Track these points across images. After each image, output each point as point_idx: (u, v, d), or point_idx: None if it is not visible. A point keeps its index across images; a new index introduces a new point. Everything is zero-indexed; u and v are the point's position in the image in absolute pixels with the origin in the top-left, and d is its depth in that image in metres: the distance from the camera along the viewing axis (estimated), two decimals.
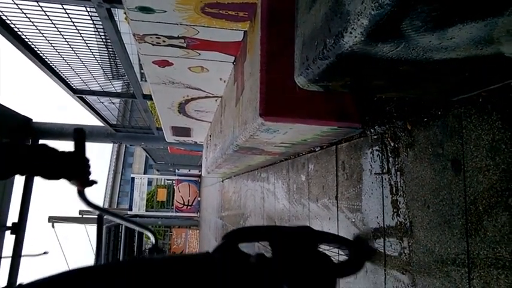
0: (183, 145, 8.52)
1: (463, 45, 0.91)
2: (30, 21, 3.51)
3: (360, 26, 0.87)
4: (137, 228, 1.84)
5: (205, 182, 10.40)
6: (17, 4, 3.21)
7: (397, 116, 1.76)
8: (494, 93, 1.24)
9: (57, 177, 1.26)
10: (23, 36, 3.94)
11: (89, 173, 1.36)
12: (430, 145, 1.53)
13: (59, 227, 12.64)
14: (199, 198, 16.15)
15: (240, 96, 2.76)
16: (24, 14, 3.37)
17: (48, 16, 3.38)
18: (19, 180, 7.05)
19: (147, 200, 16.81)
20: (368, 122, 2.03)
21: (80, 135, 1.35)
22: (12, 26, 3.69)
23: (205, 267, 1.13)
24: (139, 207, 15.99)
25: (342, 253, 1.89)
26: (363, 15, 0.84)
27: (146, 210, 16.54)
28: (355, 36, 0.90)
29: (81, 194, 1.46)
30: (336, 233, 2.32)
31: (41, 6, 3.22)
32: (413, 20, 0.80)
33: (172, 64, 3.36)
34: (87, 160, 1.33)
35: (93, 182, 1.39)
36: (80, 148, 1.31)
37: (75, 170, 1.29)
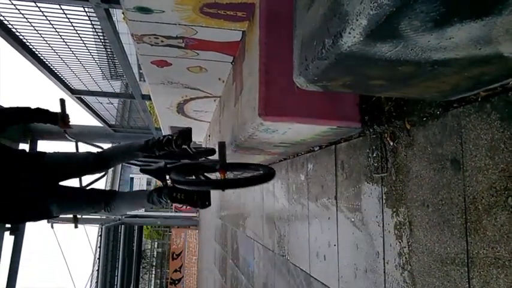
0: None
1: (462, 45, 0.91)
2: (28, 21, 3.50)
3: (358, 26, 0.87)
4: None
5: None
6: (14, 5, 3.20)
7: (396, 115, 1.76)
8: (493, 93, 1.24)
9: (48, 122, 2.61)
10: (21, 37, 3.93)
11: (69, 121, 2.65)
12: (429, 145, 1.53)
13: (58, 227, 12.61)
14: None
15: (239, 96, 2.76)
16: (22, 14, 3.36)
17: (46, 16, 3.37)
18: None
19: None
20: (367, 122, 2.03)
21: (62, 102, 2.64)
22: (9, 26, 3.68)
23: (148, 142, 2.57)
24: None
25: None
26: (362, 15, 0.84)
27: (145, 210, 16.52)
28: (354, 37, 0.90)
29: (65, 132, 2.74)
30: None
31: (38, 7, 3.21)
32: (412, 20, 0.80)
33: (171, 64, 3.36)
34: (67, 115, 2.63)
35: (71, 127, 2.69)
36: (63, 109, 2.61)
37: (63, 117, 2.61)
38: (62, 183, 2.52)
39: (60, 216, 2.68)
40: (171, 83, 3.91)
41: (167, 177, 2.61)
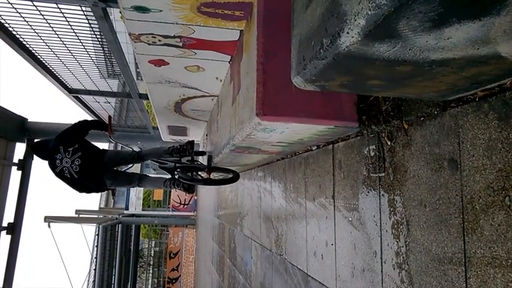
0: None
1: (460, 45, 0.91)
2: (25, 20, 3.49)
3: (356, 26, 0.87)
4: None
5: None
6: (11, 4, 3.19)
7: (394, 115, 1.76)
8: (491, 93, 1.24)
9: (103, 130, 4.07)
10: (18, 36, 3.92)
11: (113, 130, 4.14)
12: (426, 144, 1.53)
13: (55, 226, 12.56)
14: (196, 197, 16.11)
15: (236, 96, 2.75)
16: (19, 13, 3.35)
17: (43, 16, 3.36)
18: (14, 180, 7.02)
19: (143, 199, 16.76)
20: (365, 122, 2.03)
21: (110, 118, 4.18)
22: (6, 25, 3.67)
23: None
24: (135, 206, 15.94)
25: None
26: (360, 15, 0.83)
27: (143, 209, 16.51)
28: (352, 37, 0.90)
29: (110, 136, 4.24)
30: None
31: (35, 6, 3.19)
32: (410, 20, 0.80)
33: (169, 63, 3.35)
34: (112, 125, 4.07)
35: (115, 131, 4.38)
36: (110, 121, 4.08)
37: (109, 128, 4.03)
38: (115, 168, 4.11)
39: (111, 188, 4.26)
40: (168, 82, 3.90)
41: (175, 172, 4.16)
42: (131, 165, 4.48)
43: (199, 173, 4.42)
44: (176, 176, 4.10)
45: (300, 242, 2.86)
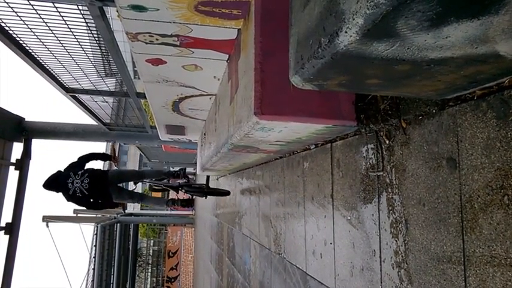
0: (177, 143, 8.49)
1: (458, 44, 0.90)
2: (21, 19, 3.47)
3: (355, 26, 0.86)
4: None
5: (201, 180, 10.39)
6: (7, 2, 3.17)
7: (392, 114, 1.76)
8: (489, 92, 1.24)
9: (107, 160, 5.76)
10: (14, 35, 3.90)
11: (117, 159, 6.09)
12: (425, 143, 1.53)
13: (53, 226, 12.53)
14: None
15: (234, 95, 2.75)
16: (15, 12, 3.33)
17: (39, 14, 3.34)
18: (12, 180, 7.00)
19: None
20: (363, 120, 2.03)
21: (113, 149, 6.93)
22: (2, 24, 3.65)
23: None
24: (134, 205, 15.94)
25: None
26: (358, 14, 0.83)
27: (141, 209, 16.52)
28: (350, 36, 0.90)
29: (115, 164, 7.00)
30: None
31: (31, 5, 3.17)
32: (408, 19, 0.80)
33: (166, 62, 3.34)
34: (116, 156, 6.08)
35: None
36: (114, 152, 6.32)
37: (114, 158, 5.71)
38: (119, 185, 5.07)
39: (116, 201, 5.12)
40: (166, 81, 3.89)
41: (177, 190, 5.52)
42: (135, 186, 5.89)
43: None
44: (183, 191, 5.44)
45: (299, 241, 2.86)
